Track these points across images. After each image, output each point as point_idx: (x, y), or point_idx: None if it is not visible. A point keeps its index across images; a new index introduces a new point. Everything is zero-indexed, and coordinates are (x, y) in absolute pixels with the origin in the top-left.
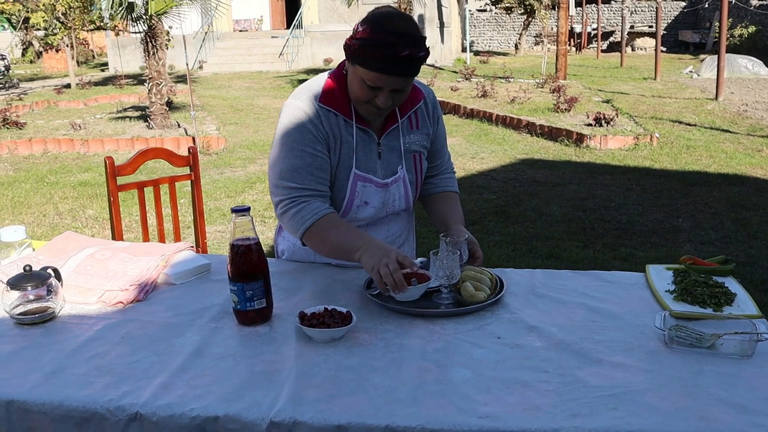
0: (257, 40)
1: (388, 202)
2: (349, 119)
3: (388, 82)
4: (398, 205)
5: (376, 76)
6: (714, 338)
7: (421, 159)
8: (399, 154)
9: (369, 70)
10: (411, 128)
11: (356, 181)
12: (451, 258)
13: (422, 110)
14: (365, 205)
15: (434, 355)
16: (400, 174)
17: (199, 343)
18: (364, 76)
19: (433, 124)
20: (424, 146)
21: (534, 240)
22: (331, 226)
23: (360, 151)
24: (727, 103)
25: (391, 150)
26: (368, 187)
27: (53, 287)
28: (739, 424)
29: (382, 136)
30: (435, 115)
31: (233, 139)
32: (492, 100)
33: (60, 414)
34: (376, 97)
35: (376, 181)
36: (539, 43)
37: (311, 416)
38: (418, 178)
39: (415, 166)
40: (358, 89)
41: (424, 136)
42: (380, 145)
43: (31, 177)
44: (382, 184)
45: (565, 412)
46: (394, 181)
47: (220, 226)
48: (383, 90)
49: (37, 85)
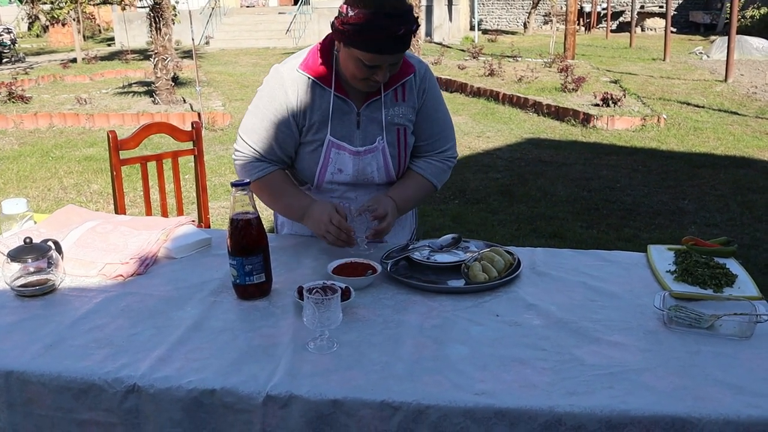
0: (264, 16)
1: (365, 172)
2: (328, 87)
3: (385, 60)
4: (377, 177)
5: (375, 56)
6: (713, 319)
7: (406, 133)
8: (380, 126)
9: (367, 52)
10: (396, 100)
11: (330, 147)
12: (357, 222)
13: (411, 83)
14: (339, 173)
15: (432, 332)
16: (378, 145)
17: (198, 317)
18: (362, 57)
19: (419, 97)
20: (409, 119)
21: (538, 220)
22: (276, 185)
23: (336, 119)
24: (736, 85)
25: (372, 121)
26: (341, 155)
27: (54, 260)
28: (735, 404)
29: (363, 106)
30: (422, 88)
31: (239, 115)
32: (499, 79)
33: (58, 385)
34: (374, 74)
35: (348, 148)
36: (548, 22)
37: (307, 390)
38: (401, 151)
39: (398, 139)
40: (355, 69)
41: (410, 109)
42: (359, 114)
43: (36, 151)
44: (354, 152)
45: (561, 390)
46: (368, 150)
47: (224, 202)
48: (381, 67)
49: (43, 59)
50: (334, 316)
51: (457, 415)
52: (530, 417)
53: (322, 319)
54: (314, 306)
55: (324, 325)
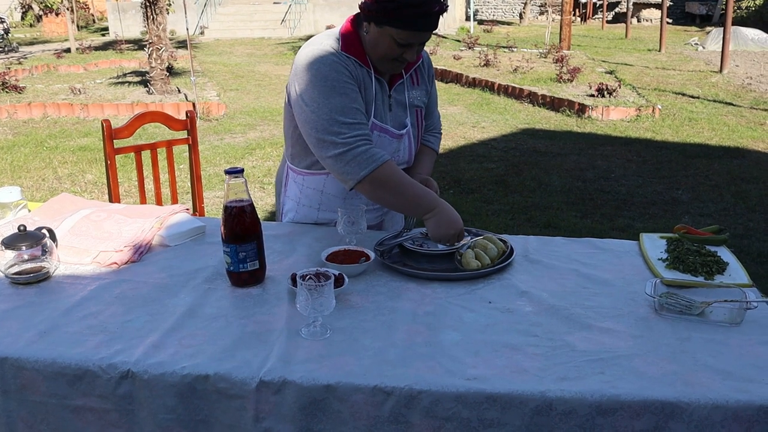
0: (259, 6)
1: (398, 154)
2: (369, 68)
3: (419, 37)
4: (402, 157)
5: (410, 34)
6: (704, 306)
7: (421, 114)
8: (405, 108)
9: (402, 30)
10: (413, 84)
11: (372, 129)
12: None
13: (421, 69)
14: None
15: (425, 318)
16: (409, 128)
17: (191, 304)
18: (395, 35)
19: (430, 83)
20: (423, 102)
21: (532, 209)
22: (397, 176)
23: (378, 100)
24: (731, 75)
25: (398, 104)
26: (383, 137)
27: (48, 247)
28: (724, 389)
29: (392, 89)
30: (430, 74)
31: (234, 105)
32: (494, 69)
33: (53, 371)
34: (404, 52)
35: (391, 131)
36: (544, 12)
37: (300, 375)
38: (419, 132)
39: (417, 121)
40: (388, 48)
41: (424, 92)
42: (391, 97)
43: (30, 141)
44: (397, 135)
45: (553, 375)
46: (403, 134)
47: (218, 192)
48: (413, 45)
49: (36, 49)
50: (327, 302)
51: (449, 399)
52: (521, 402)
53: (316, 306)
54: (307, 292)
55: (317, 312)
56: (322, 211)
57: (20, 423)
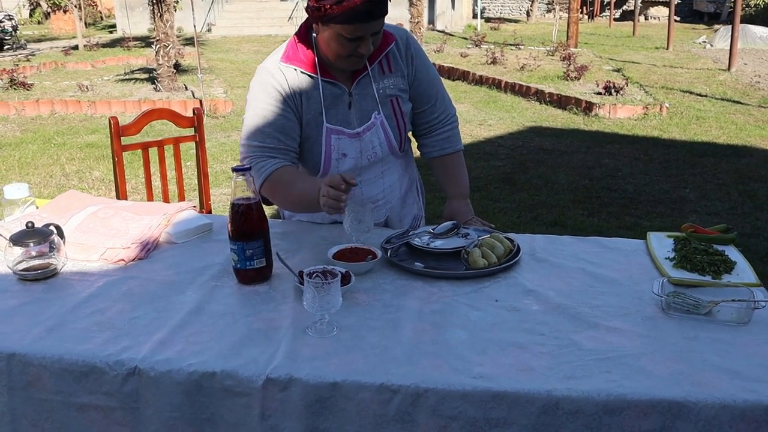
0: (266, 4)
1: (366, 150)
2: (314, 74)
3: (367, 29)
4: (380, 152)
5: (356, 27)
6: (711, 305)
7: (400, 102)
8: (374, 101)
9: (347, 24)
10: (383, 73)
11: (329, 134)
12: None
13: (394, 53)
14: (344, 158)
15: (431, 317)
16: (374, 120)
17: (198, 301)
18: (343, 32)
19: (411, 64)
20: (401, 89)
21: (539, 207)
22: (289, 178)
23: (329, 104)
24: (739, 74)
25: (364, 97)
26: (342, 139)
27: (56, 244)
28: (731, 389)
29: (353, 85)
30: (409, 54)
31: (241, 102)
32: (501, 67)
33: (60, 368)
34: (358, 47)
35: (347, 132)
36: (551, 10)
37: (307, 373)
38: (399, 122)
39: (394, 111)
40: (339, 47)
41: (400, 78)
42: (351, 95)
43: (38, 138)
44: (354, 134)
45: (559, 374)
46: (366, 128)
47: (225, 189)
48: (364, 38)
49: (44, 46)
50: (333, 300)
51: (455, 398)
52: (528, 400)
53: (322, 303)
54: (314, 290)
55: (324, 309)
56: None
57: (24, 421)
